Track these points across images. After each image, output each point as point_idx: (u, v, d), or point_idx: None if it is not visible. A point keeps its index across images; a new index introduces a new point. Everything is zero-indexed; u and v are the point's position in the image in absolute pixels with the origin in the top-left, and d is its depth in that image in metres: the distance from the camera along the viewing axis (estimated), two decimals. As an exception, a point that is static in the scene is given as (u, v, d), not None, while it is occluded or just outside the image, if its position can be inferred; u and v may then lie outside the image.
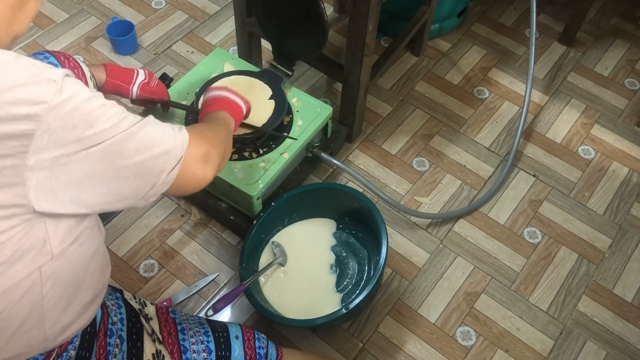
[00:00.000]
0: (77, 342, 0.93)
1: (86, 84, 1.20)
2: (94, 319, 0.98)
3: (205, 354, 1.10)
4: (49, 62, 1.17)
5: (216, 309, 1.38)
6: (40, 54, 1.19)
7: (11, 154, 0.68)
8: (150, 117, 0.83)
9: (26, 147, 0.69)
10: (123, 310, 1.07)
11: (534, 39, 1.82)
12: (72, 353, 0.92)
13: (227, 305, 1.39)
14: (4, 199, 0.71)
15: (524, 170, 1.85)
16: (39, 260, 0.78)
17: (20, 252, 0.75)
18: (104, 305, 1.03)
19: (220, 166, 0.96)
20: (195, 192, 0.91)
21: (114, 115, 0.76)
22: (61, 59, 1.19)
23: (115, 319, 1.04)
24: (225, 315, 1.55)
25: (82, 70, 1.21)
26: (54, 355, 0.90)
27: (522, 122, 1.82)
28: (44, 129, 0.69)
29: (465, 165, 1.85)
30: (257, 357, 1.18)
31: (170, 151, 0.82)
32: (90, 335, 0.96)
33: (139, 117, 0.80)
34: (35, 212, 0.74)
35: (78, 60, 1.23)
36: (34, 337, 0.83)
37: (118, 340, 1.01)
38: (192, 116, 1.55)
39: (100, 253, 0.91)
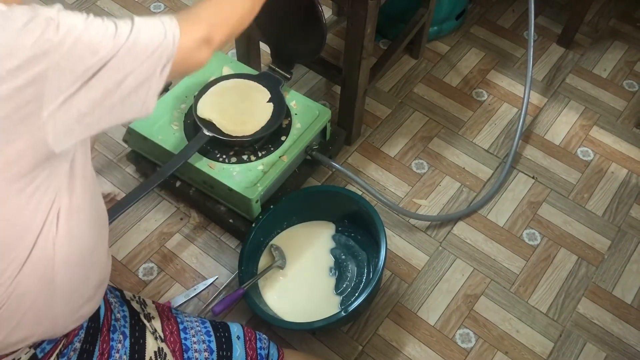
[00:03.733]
0: (82, 335, 0.96)
1: None
2: (98, 314, 1.00)
3: (206, 354, 1.11)
4: None
5: (215, 312, 1.38)
6: None
7: (29, 101, 0.70)
8: (137, 20, 0.81)
9: (41, 90, 0.71)
10: (125, 307, 1.09)
11: (532, 41, 1.82)
12: (77, 345, 0.95)
13: (226, 308, 1.40)
14: (24, 147, 0.73)
15: (522, 172, 1.85)
16: (58, 202, 0.82)
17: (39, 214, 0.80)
18: (107, 302, 1.04)
19: (227, 38, 0.92)
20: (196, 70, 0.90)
21: (109, 35, 0.76)
22: None
23: (118, 315, 1.06)
24: (224, 319, 1.54)
25: None
26: (60, 346, 0.92)
27: (520, 124, 1.82)
28: (54, 67, 0.71)
29: (464, 168, 1.85)
30: (259, 358, 1.18)
31: (160, 50, 0.80)
32: (94, 330, 0.98)
33: (129, 26, 0.79)
34: (53, 163, 0.77)
35: None
36: (44, 317, 0.86)
37: (121, 336, 1.03)
38: (190, 119, 1.55)
39: (104, 245, 0.96)
